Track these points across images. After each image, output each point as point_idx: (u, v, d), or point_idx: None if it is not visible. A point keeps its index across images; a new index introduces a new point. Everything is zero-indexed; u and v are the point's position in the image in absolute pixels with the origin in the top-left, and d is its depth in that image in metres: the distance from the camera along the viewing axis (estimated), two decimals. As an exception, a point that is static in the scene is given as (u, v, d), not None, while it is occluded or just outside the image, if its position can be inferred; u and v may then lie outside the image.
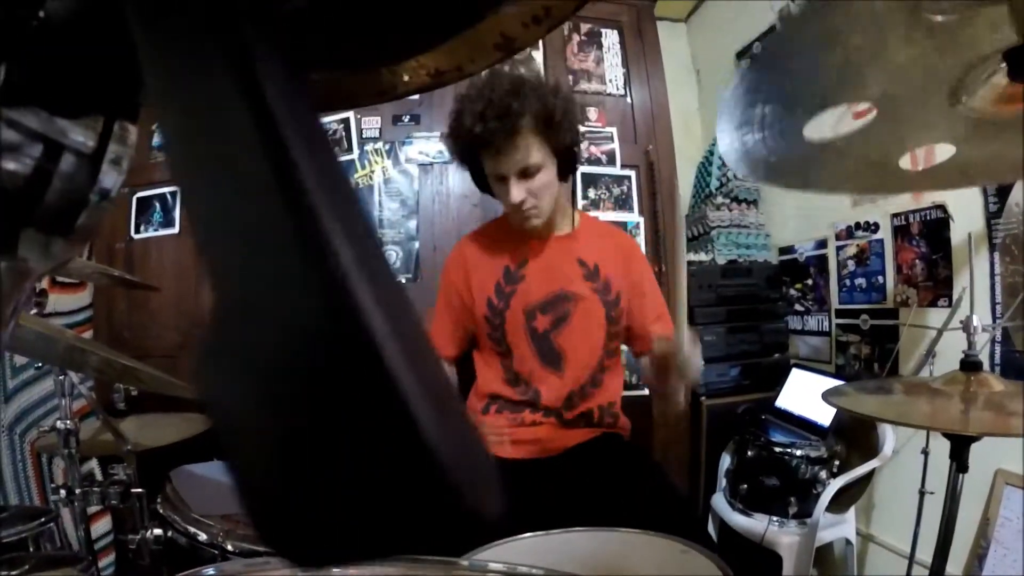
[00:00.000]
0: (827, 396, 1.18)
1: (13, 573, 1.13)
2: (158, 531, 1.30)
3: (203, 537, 1.21)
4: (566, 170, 1.36)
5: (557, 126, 1.27)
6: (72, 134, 0.29)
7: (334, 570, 0.66)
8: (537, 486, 1.30)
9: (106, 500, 1.34)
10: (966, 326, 1.17)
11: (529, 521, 1.07)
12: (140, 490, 1.38)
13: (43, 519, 1.43)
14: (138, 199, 2.24)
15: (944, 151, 0.69)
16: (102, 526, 2.06)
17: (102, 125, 0.30)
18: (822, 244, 2.30)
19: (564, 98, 1.31)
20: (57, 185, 0.28)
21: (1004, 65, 0.51)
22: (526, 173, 1.28)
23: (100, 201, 0.29)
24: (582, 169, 2.27)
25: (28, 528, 1.40)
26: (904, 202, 1.92)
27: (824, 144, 0.65)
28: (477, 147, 1.28)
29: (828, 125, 0.57)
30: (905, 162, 0.68)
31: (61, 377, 1.32)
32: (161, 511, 1.30)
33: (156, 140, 2.27)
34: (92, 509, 1.98)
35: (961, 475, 1.18)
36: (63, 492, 1.30)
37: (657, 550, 0.96)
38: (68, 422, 1.30)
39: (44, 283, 1.91)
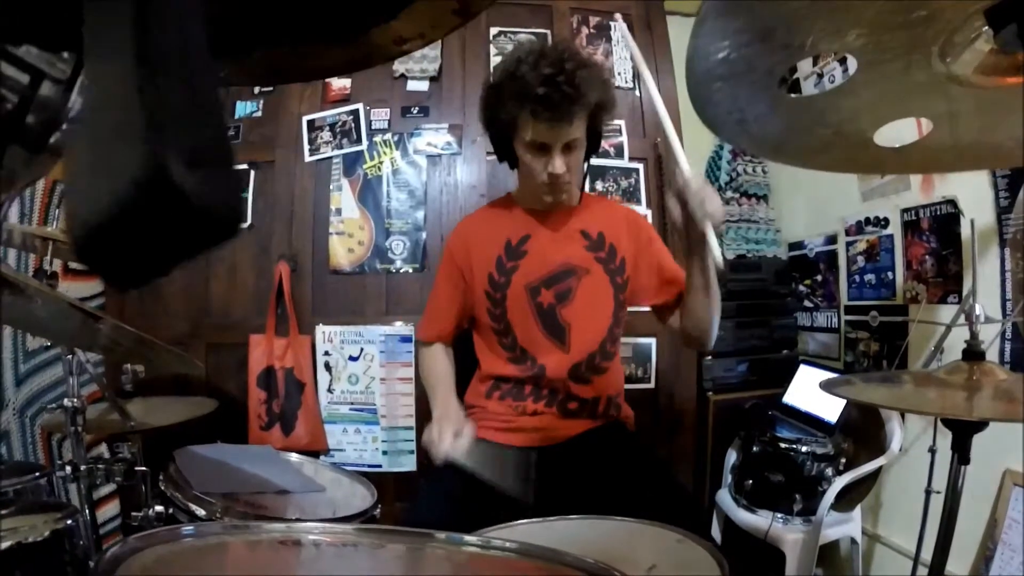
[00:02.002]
0: (827, 386, 1.17)
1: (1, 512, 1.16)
2: (160, 508, 1.32)
3: (202, 513, 1.23)
4: (589, 153, 1.38)
5: (605, 113, 1.31)
6: (53, 63, 0.33)
7: (310, 536, 0.66)
8: (538, 474, 1.30)
9: (111, 477, 1.37)
10: (968, 315, 1.15)
11: (529, 508, 1.07)
12: (144, 469, 1.41)
13: (37, 473, 1.46)
14: (151, 188, 2.27)
15: (923, 127, 0.68)
16: (110, 510, 2.09)
17: (75, 59, 0.33)
18: (832, 239, 2.27)
19: (615, 88, 1.35)
20: (37, 108, 0.31)
21: (987, 29, 0.50)
22: (569, 147, 1.29)
23: (70, 125, 0.32)
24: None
25: (23, 480, 1.43)
26: (914, 197, 1.90)
27: (797, 106, 0.64)
28: (527, 109, 1.25)
29: (804, 79, 0.56)
30: (881, 137, 0.67)
31: (69, 356, 1.35)
32: (163, 489, 1.32)
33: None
34: (102, 493, 2.02)
35: (963, 468, 1.15)
36: (69, 468, 1.33)
37: (653, 539, 0.96)
38: (75, 400, 1.32)
39: (57, 268, 1.95)
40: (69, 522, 1.15)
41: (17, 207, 1.85)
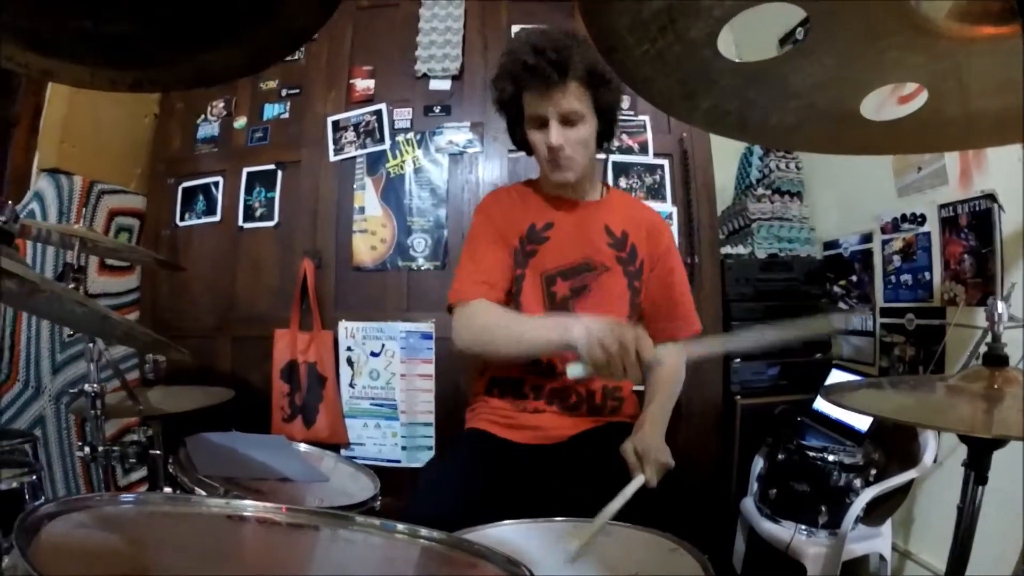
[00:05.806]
0: (827, 392, 1.09)
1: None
2: (168, 489, 1.38)
3: (203, 494, 1.27)
4: (603, 136, 1.37)
5: (606, 84, 1.29)
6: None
7: (247, 512, 0.67)
8: (534, 473, 1.28)
9: (125, 460, 1.44)
10: (990, 313, 1.05)
11: (521, 507, 1.05)
12: (157, 452, 1.47)
13: (21, 439, 1.57)
14: (184, 189, 2.39)
15: (915, 94, 0.61)
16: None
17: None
18: (867, 238, 2.15)
19: None
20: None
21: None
22: (568, 120, 1.29)
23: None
24: (614, 158, 2.24)
25: (12, 444, 1.53)
26: (951, 192, 1.78)
27: (750, 74, 0.58)
28: (525, 83, 1.28)
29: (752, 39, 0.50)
30: (866, 108, 0.60)
31: (91, 344, 1.42)
32: (171, 471, 1.38)
33: (201, 133, 2.41)
34: (132, 478, 2.13)
35: (981, 488, 1.04)
36: (87, 450, 1.40)
37: (643, 546, 0.93)
38: (96, 385, 1.39)
39: (94, 266, 2.07)
40: (33, 478, 1.30)
41: (56, 207, 1.98)
